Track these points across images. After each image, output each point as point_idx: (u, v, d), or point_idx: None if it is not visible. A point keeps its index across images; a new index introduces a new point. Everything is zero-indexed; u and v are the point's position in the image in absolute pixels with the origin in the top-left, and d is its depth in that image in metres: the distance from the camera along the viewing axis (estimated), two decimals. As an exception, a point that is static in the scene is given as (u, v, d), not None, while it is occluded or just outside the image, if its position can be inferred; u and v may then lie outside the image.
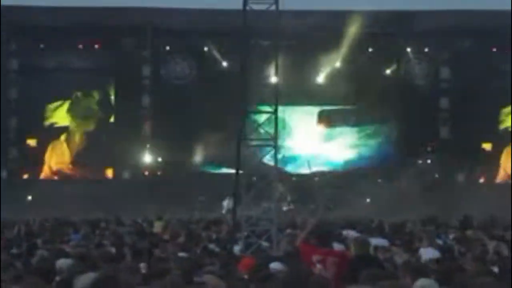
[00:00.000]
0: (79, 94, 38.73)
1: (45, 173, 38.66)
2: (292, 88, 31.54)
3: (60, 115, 38.88)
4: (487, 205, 27.78)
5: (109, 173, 38.92)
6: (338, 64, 37.36)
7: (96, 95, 38.87)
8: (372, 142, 38.81)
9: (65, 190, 34.13)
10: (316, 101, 38.53)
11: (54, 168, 38.70)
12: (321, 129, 39.36)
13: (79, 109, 38.92)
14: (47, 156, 38.58)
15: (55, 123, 38.88)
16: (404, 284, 7.67)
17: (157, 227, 20.69)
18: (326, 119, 39.19)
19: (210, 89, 37.16)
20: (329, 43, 36.22)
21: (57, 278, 8.98)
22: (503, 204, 29.08)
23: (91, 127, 39.00)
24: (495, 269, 9.35)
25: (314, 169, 34.36)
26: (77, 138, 38.89)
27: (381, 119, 37.93)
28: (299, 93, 35.72)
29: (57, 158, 38.74)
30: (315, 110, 39.10)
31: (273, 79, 17.92)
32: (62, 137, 38.76)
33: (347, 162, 38.86)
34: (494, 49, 37.42)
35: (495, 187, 36.72)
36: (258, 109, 17.73)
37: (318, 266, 10.14)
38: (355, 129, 39.17)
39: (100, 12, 37.10)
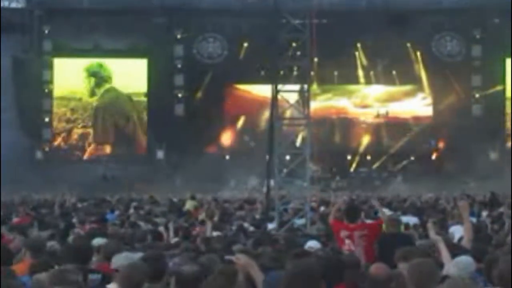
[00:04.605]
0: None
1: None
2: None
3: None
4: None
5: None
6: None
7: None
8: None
9: (99, 170, 34.38)
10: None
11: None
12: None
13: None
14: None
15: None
16: (436, 261, 7.68)
17: (189, 205, 20.75)
18: None
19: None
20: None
21: (94, 258, 9.05)
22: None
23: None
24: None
25: None
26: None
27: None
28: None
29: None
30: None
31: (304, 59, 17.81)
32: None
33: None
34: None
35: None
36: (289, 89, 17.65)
37: (347, 241, 10.13)
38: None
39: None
